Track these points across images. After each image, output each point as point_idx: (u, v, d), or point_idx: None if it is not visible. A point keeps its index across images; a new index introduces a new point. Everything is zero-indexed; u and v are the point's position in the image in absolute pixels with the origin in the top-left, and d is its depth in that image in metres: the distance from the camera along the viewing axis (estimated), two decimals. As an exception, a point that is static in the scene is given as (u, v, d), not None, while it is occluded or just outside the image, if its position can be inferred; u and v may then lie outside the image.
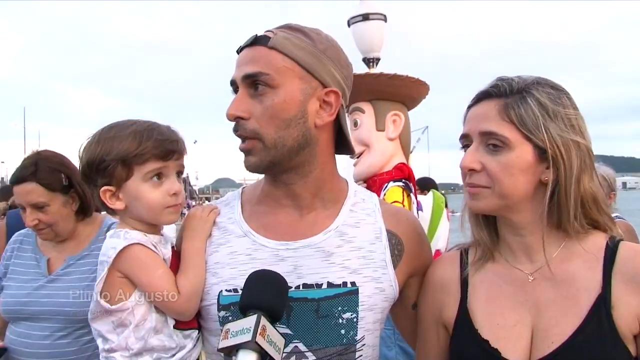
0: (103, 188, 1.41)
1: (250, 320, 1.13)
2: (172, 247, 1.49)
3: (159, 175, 1.43)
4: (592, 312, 1.27)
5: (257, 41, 1.37)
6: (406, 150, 2.76)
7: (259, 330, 1.11)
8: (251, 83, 1.34)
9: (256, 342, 1.09)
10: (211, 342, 1.42)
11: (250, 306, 1.18)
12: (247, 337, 1.10)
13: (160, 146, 1.41)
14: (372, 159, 2.71)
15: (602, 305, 1.27)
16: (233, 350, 1.13)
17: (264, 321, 1.13)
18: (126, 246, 1.37)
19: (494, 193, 1.33)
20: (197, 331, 1.44)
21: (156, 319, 1.37)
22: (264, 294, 1.20)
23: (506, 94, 1.34)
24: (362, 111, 2.74)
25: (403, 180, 2.61)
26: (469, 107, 1.41)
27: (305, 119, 1.36)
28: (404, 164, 2.67)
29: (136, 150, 1.39)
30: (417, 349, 1.60)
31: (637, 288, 1.27)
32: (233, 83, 1.39)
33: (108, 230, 1.96)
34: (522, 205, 1.35)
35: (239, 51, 1.42)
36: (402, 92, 2.67)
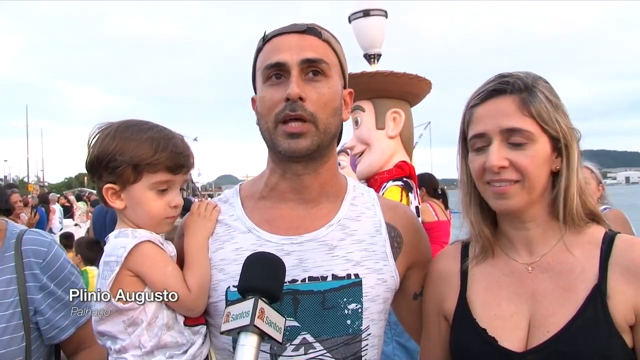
0: (107, 185, 1.41)
1: (248, 304, 1.17)
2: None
3: (165, 186, 1.44)
4: (588, 302, 1.30)
5: (308, 31, 1.42)
6: (408, 147, 2.73)
7: (257, 314, 1.15)
8: (306, 68, 1.38)
9: (255, 325, 1.14)
10: (220, 339, 1.43)
11: (248, 289, 1.21)
12: (246, 321, 1.14)
13: (174, 159, 1.42)
14: (372, 158, 2.69)
15: (598, 295, 1.30)
16: (235, 332, 1.17)
17: (261, 304, 1.17)
18: (137, 244, 1.37)
19: (524, 188, 1.36)
20: (205, 327, 1.45)
21: (167, 315, 1.38)
22: (261, 277, 1.23)
23: (520, 89, 1.36)
24: (362, 110, 2.72)
25: (403, 179, 2.59)
26: (474, 105, 1.42)
27: (342, 111, 1.46)
28: (404, 162, 2.65)
29: (151, 158, 1.39)
30: (422, 339, 1.64)
31: (632, 279, 1.29)
32: (278, 65, 1.38)
33: (19, 240, 1.60)
34: (537, 199, 1.39)
35: (267, 38, 1.44)
36: (401, 89, 2.64)
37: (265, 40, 1.44)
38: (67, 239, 8.71)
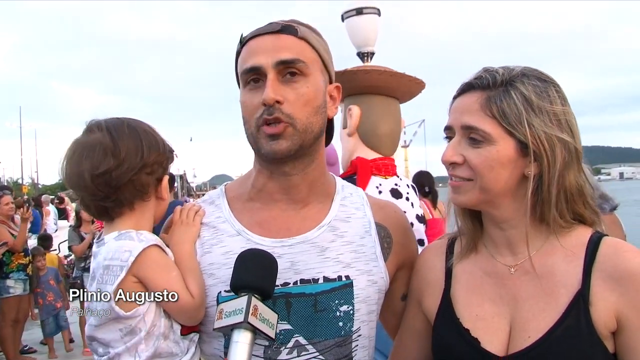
0: (166, 177, 1.46)
1: (241, 301, 1.17)
2: None
3: None
4: (570, 308, 1.28)
5: (284, 30, 1.37)
6: (370, 142, 2.49)
7: (250, 311, 1.15)
8: (283, 69, 1.34)
9: (249, 322, 1.14)
10: (211, 345, 1.41)
11: (240, 286, 1.21)
12: (240, 318, 1.14)
13: None
14: (341, 156, 2.66)
15: (581, 301, 1.27)
16: (228, 329, 1.17)
17: (255, 301, 1.17)
18: (144, 248, 1.32)
19: (475, 186, 1.33)
20: (197, 334, 1.42)
21: (164, 324, 1.34)
22: (254, 274, 1.22)
23: (489, 86, 1.32)
24: (340, 110, 2.66)
25: (352, 177, 2.45)
26: (454, 97, 1.41)
27: (326, 108, 1.43)
28: (358, 158, 2.46)
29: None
30: (399, 330, 1.64)
31: (615, 285, 1.26)
32: (254, 69, 1.36)
33: None
34: (503, 200, 1.35)
35: (244, 40, 1.41)
36: (356, 85, 2.46)
37: (242, 43, 1.41)
38: (44, 241, 8.72)
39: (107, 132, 1.37)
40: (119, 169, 1.34)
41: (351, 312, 1.39)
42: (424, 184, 6.61)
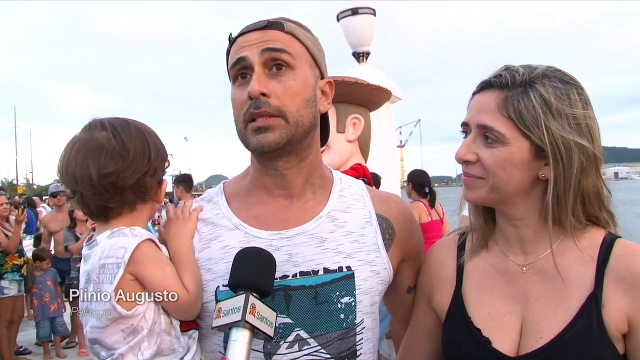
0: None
1: (239, 300, 1.17)
2: None
3: None
4: (583, 310, 1.27)
5: (270, 25, 1.38)
6: (365, 151, 2.76)
7: (248, 309, 1.15)
8: (269, 61, 1.34)
9: (246, 321, 1.14)
10: (210, 341, 1.41)
11: (238, 284, 1.21)
12: (237, 317, 1.14)
13: None
14: (329, 158, 2.74)
15: (593, 303, 1.27)
16: (226, 328, 1.17)
17: (252, 299, 1.17)
18: (139, 243, 1.31)
19: (487, 185, 1.33)
20: (196, 331, 1.41)
21: (164, 320, 1.33)
22: (251, 272, 1.22)
23: (508, 86, 1.31)
24: None
25: (361, 179, 2.64)
26: (473, 93, 1.39)
27: (316, 102, 1.41)
28: (359, 164, 2.70)
29: None
30: (409, 326, 1.63)
31: (628, 287, 1.26)
32: (240, 60, 1.35)
33: None
34: (516, 199, 1.35)
35: (232, 39, 1.41)
36: (363, 97, 2.68)
37: (231, 41, 1.42)
38: (39, 241, 8.73)
39: (115, 132, 1.36)
40: (127, 171, 1.34)
41: (353, 303, 1.38)
42: (423, 183, 6.46)
